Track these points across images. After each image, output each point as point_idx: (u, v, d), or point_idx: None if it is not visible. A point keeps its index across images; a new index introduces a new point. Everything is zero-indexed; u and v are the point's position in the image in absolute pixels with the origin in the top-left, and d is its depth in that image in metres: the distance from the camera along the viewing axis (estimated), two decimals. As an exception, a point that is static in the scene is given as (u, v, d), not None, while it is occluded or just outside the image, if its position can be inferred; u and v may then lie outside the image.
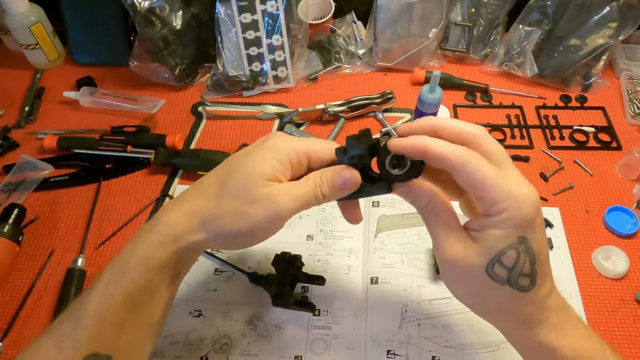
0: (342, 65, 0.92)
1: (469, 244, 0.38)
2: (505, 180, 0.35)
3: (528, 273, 0.37)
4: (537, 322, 0.39)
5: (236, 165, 0.42)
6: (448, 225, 0.39)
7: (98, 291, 0.40)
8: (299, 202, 0.40)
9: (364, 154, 0.39)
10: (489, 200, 0.36)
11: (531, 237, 0.36)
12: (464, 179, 0.36)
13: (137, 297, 0.40)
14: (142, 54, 0.84)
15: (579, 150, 0.81)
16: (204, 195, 0.42)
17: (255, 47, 0.83)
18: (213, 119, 0.85)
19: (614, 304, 0.63)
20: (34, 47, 0.88)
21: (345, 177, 0.40)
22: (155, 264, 0.41)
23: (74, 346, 0.38)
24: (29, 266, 0.66)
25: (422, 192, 0.40)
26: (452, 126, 0.39)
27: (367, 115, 0.85)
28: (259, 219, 0.39)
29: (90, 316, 0.39)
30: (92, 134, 0.82)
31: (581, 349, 0.38)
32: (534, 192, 0.36)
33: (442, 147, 0.36)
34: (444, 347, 0.58)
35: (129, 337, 0.41)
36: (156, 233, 0.41)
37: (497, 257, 0.36)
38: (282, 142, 0.42)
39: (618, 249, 0.67)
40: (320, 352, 0.58)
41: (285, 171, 0.41)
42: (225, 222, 0.40)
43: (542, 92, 0.90)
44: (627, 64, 0.91)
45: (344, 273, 0.65)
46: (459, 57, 0.95)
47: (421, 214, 0.41)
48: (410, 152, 0.38)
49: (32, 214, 0.71)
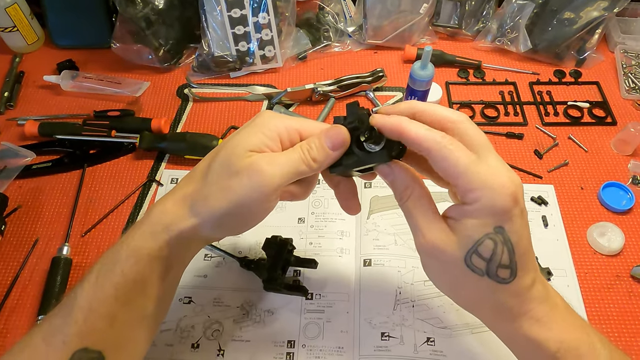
0: (332, 43, 0.89)
1: (447, 233, 0.37)
2: (480, 167, 0.34)
3: (507, 264, 0.35)
4: (519, 315, 0.37)
5: (223, 145, 0.40)
6: (426, 214, 0.38)
7: (89, 283, 0.39)
8: (286, 169, 0.38)
9: (365, 118, 0.38)
10: (462, 187, 0.35)
11: (509, 227, 0.35)
12: (438, 165, 0.35)
13: (129, 289, 0.39)
14: (124, 35, 0.81)
15: (574, 126, 0.80)
16: (194, 179, 0.41)
17: (241, 25, 0.80)
18: (199, 101, 0.82)
19: (609, 281, 0.63)
20: (11, 29, 0.85)
21: (332, 134, 0.38)
22: (146, 254, 0.39)
23: (63, 341, 0.37)
24: (12, 256, 0.64)
25: (402, 175, 0.39)
26: (432, 111, 0.38)
27: (358, 95, 0.83)
28: (244, 191, 0.37)
29: (80, 310, 0.38)
30: (74, 119, 0.79)
31: (567, 340, 0.37)
32: (511, 181, 0.34)
33: (417, 130, 0.35)
34: (439, 328, 0.57)
35: (120, 331, 0.40)
36: (148, 223, 0.40)
37: (474, 247, 0.35)
38: (272, 119, 0.40)
39: (613, 225, 0.66)
40: (314, 336, 0.57)
41: (273, 145, 0.39)
42: (211, 201, 0.38)
43: (536, 67, 0.88)
44: (622, 37, 0.89)
45: (337, 256, 0.63)
46: (450, 33, 0.93)
47: (398, 199, 0.40)
48: (388, 131, 0.37)
49: (15, 202, 0.69)
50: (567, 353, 0.37)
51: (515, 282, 0.36)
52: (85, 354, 0.38)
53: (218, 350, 0.56)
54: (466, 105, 0.82)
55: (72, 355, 0.37)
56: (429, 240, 0.37)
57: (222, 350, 0.56)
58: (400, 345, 0.56)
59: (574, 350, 0.37)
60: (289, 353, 0.56)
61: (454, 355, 0.56)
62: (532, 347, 0.38)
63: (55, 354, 0.37)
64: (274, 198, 0.39)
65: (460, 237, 0.36)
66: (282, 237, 0.60)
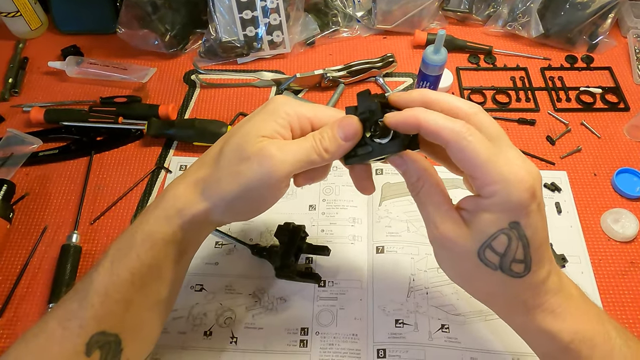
0: (340, 28, 0.88)
1: (460, 226, 0.36)
2: (498, 160, 0.33)
3: (521, 259, 0.35)
4: (532, 307, 0.37)
5: (235, 131, 0.40)
6: (439, 206, 0.37)
7: (104, 268, 0.39)
8: (297, 157, 0.37)
9: (376, 108, 0.37)
10: (480, 180, 0.33)
11: (525, 222, 0.34)
12: (456, 156, 0.34)
13: (144, 273, 0.39)
14: (130, 20, 0.80)
15: (586, 112, 0.79)
16: (206, 164, 0.41)
17: (249, 10, 0.79)
18: (207, 87, 0.81)
19: (623, 267, 0.62)
20: (14, 14, 0.83)
21: (344, 125, 0.37)
22: (161, 238, 0.39)
23: (80, 325, 0.37)
24: (21, 244, 0.64)
25: (414, 166, 0.37)
26: (444, 101, 0.36)
27: (368, 81, 0.82)
28: (253, 176, 0.37)
29: (96, 294, 0.38)
30: (80, 105, 0.78)
31: (581, 331, 0.37)
32: (530, 175, 0.33)
33: (435, 120, 0.34)
34: (453, 315, 0.57)
35: (136, 315, 0.40)
36: (161, 208, 0.40)
37: (488, 241, 0.34)
38: (283, 105, 0.39)
39: (627, 211, 0.66)
40: (327, 324, 0.57)
41: (285, 133, 0.38)
42: (222, 186, 0.38)
43: (547, 53, 0.87)
44: (635, 22, 0.88)
45: (349, 243, 0.63)
46: (461, 18, 0.91)
47: (410, 190, 0.39)
48: (404, 127, 0.35)
49: (22, 190, 0.68)
50: (580, 344, 0.37)
51: (529, 275, 0.35)
52: (102, 337, 0.38)
53: (231, 338, 0.56)
54: (477, 91, 0.81)
55: (89, 338, 0.37)
56: (442, 232, 0.36)
57: (235, 337, 0.56)
58: (414, 332, 0.56)
59: (588, 340, 0.37)
60: (302, 340, 0.56)
61: (468, 342, 0.55)
62: (545, 338, 0.38)
63: (72, 338, 0.37)
64: (284, 185, 0.39)
65: (474, 230, 0.35)
66: (295, 224, 0.59)
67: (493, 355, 0.55)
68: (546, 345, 0.38)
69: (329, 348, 0.55)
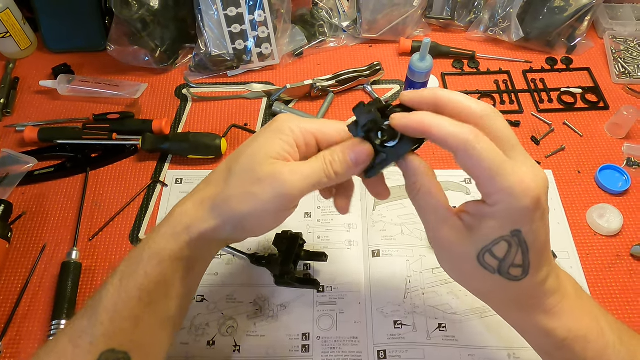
0: (327, 39, 0.90)
1: (459, 230, 0.36)
2: (506, 169, 0.33)
3: (520, 264, 0.35)
4: (529, 307, 0.38)
5: (242, 150, 0.41)
6: (436, 211, 0.37)
7: (113, 286, 0.39)
8: (308, 181, 0.38)
9: (377, 117, 0.37)
10: (486, 189, 0.34)
11: (526, 229, 0.34)
12: (463, 163, 0.34)
13: (152, 290, 0.40)
14: (120, 37, 0.81)
15: (568, 112, 0.82)
16: (214, 182, 0.41)
17: (238, 24, 0.81)
18: (199, 101, 0.82)
19: (610, 261, 0.65)
20: (4, 35, 0.84)
21: (356, 150, 0.38)
22: (168, 255, 0.40)
23: (90, 342, 0.38)
24: (21, 263, 0.64)
25: (412, 169, 0.37)
26: (456, 102, 0.35)
27: (356, 89, 0.84)
28: (266, 198, 0.38)
29: (105, 311, 0.38)
30: (74, 123, 0.79)
31: (575, 329, 0.38)
32: (536, 185, 0.33)
33: (443, 127, 0.33)
34: (450, 314, 0.59)
35: (145, 332, 0.40)
36: (169, 225, 0.41)
37: (488, 247, 0.35)
38: (287, 122, 0.40)
39: (611, 206, 0.68)
40: (328, 328, 0.58)
41: (292, 151, 0.39)
42: (233, 205, 0.39)
43: (528, 56, 0.90)
44: (610, 24, 0.91)
45: (345, 248, 0.64)
46: (443, 25, 0.94)
47: (408, 192, 0.39)
48: (411, 132, 0.35)
49: (19, 209, 0.69)
50: (574, 341, 0.38)
51: (527, 279, 0.36)
52: (112, 355, 0.38)
53: (234, 347, 0.57)
54: (462, 96, 0.83)
55: (99, 356, 0.38)
56: (440, 236, 0.37)
57: (238, 346, 0.57)
58: (413, 333, 0.57)
59: (581, 338, 0.38)
60: (304, 345, 0.57)
61: (465, 340, 0.57)
62: (541, 335, 0.39)
63: (83, 355, 0.38)
64: (293, 206, 0.40)
65: (474, 235, 0.35)
66: (293, 232, 0.60)
67: (489, 351, 0.56)
68: (542, 342, 0.40)
69: (330, 352, 0.56)
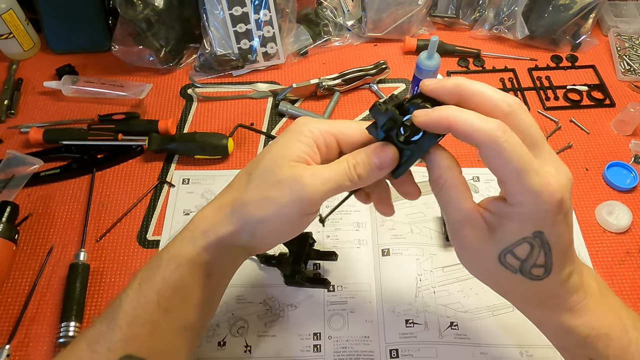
0: (332, 38, 0.90)
1: (481, 229, 0.35)
2: (532, 169, 0.31)
3: (542, 264, 0.34)
4: (551, 305, 0.37)
5: (263, 154, 0.40)
6: (460, 208, 0.35)
7: (132, 290, 0.39)
8: (330, 184, 0.36)
9: (394, 115, 0.35)
10: (510, 189, 0.32)
11: (549, 231, 0.33)
12: (489, 161, 0.32)
13: (170, 295, 0.39)
14: (125, 37, 0.81)
15: (574, 109, 0.82)
16: (234, 188, 0.41)
17: (243, 23, 0.80)
18: (204, 100, 0.82)
19: (620, 257, 0.64)
20: (7, 36, 0.83)
21: (380, 153, 0.37)
22: (186, 259, 0.39)
23: (108, 347, 0.37)
24: (28, 265, 0.64)
25: (435, 163, 0.36)
26: (481, 93, 0.33)
27: (362, 88, 0.84)
28: (285, 202, 0.37)
29: (124, 315, 0.38)
30: (79, 124, 0.78)
31: (597, 326, 0.37)
32: (560, 186, 0.32)
33: (469, 121, 0.31)
34: (461, 312, 0.59)
35: (163, 339, 0.40)
36: (188, 229, 0.41)
37: (510, 248, 0.34)
38: (306, 124, 0.39)
39: (620, 203, 0.68)
40: (339, 327, 0.58)
41: (312, 153, 0.38)
42: (251, 209, 0.38)
43: (533, 54, 0.90)
44: (615, 21, 0.91)
45: (355, 247, 0.64)
46: (448, 24, 0.94)
47: (431, 186, 0.37)
48: (435, 127, 0.33)
49: (26, 210, 0.68)
50: (597, 338, 0.37)
51: (549, 278, 0.35)
52: None
53: (245, 347, 0.57)
54: (468, 94, 0.83)
55: None
56: (462, 235, 0.36)
57: (249, 346, 0.57)
58: (425, 331, 0.57)
59: (604, 336, 0.37)
60: (315, 345, 0.57)
61: (477, 338, 0.57)
62: (562, 333, 0.38)
63: None
64: (315, 211, 0.39)
65: (496, 235, 0.35)
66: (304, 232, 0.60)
67: (502, 349, 0.56)
68: (563, 339, 0.39)
69: (342, 351, 0.56)
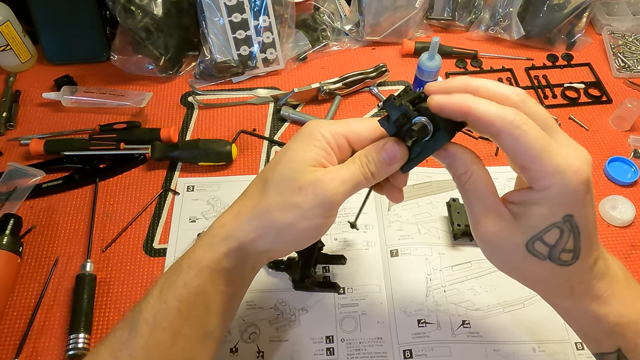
0: (330, 42, 0.90)
1: (507, 219, 0.35)
2: (553, 150, 0.31)
3: (571, 249, 0.34)
4: (579, 293, 0.37)
5: (277, 161, 0.40)
6: (484, 200, 0.36)
7: (153, 297, 0.39)
8: (348, 185, 0.37)
9: (407, 109, 0.36)
10: (534, 172, 0.32)
11: (578, 214, 0.33)
12: (509, 146, 0.32)
13: (191, 302, 0.39)
14: (124, 46, 0.81)
15: (572, 107, 0.82)
16: (250, 195, 0.41)
17: (242, 30, 0.80)
18: (205, 108, 0.82)
19: (625, 251, 0.65)
20: (4, 48, 0.83)
21: (389, 150, 0.37)
22: (207, 265, 0.39)
23: (130, 354, 0.37)
24: (33, 277, 0.63)
25: (460, 158, 0.36)
26: (489, 88, 0.34)
27: (362, 91, 0.84)
28: (309, 206, 0.37)
29: (145, 322, 0.38)
30: (80, 134, 0.78)
31: (627, 314, 0.37)
32: (585, 164, 0.32)
33: (487, 108, 0.32)
34: (472, 311, 0.59)
35: (184, 346, 0.39)
36: (208, 236, 0.40)
37: (539, 235, 0.34)
38: (316, 128, 0.40)
39: (623, 197, 0.69)
40: (351, 330, 0.58)
41: (327, 156, 0.39)
42: (274, 215, 0.38)
43: (529, 53, 0.91)
44: (607, 19, 0.93)
45: (363, 249, 0.64)
46: (444, 26, 0.95)
47: (456, 182, 0.37)
48: (450, 112, 0.33)
49: (29, 223, 0.67)
50: (625, 327, 0.37)
51: (577, 263, 0.35)
52: None
53: (257, 353, 0.56)
54: (468, 94, 0.84)
55: None
56: (487, 226, 0.36)
57: (262, 352, 0.56)
58: (437, 330, 0.57)
59: (633, 323, 0.37)
60: (328, 348, 0.56)
61: (489, 336, 0.57)
62: (590, 321, 0.38)
63: None
64: (335, 213, 0.40)
65: (523, 224, 0.34)
66: (312, 235, 0.60)
67: (514, 345, 0.56)
68: (590, 328, 0.39)
69: (355, 354, 0.56)
